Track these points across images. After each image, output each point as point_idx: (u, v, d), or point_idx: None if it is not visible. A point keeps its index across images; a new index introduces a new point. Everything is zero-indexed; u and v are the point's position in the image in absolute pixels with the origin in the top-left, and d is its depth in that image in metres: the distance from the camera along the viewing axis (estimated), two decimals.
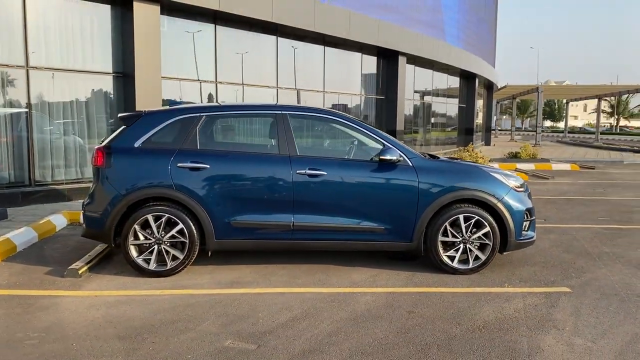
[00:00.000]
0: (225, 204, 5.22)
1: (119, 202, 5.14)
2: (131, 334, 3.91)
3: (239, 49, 11.34)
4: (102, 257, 5.79)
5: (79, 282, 5.06)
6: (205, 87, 10.55)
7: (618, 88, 30.84)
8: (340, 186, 5.33)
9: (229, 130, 6.09)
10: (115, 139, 5.32)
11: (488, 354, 3.67)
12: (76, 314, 4.27)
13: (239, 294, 4.81)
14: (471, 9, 22.91)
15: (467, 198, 5.39)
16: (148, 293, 4.80)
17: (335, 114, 5.80)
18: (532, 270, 5.66)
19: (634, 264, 5.94)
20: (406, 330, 4.05)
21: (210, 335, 3.92)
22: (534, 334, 4.01)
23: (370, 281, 5.22)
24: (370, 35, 13.60)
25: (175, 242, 5.22)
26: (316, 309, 4.46)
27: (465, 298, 4.77)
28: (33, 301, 4.55)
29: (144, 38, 8.82)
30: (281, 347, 3.72)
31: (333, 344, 3.79)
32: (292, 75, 12.48)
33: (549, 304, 4.65)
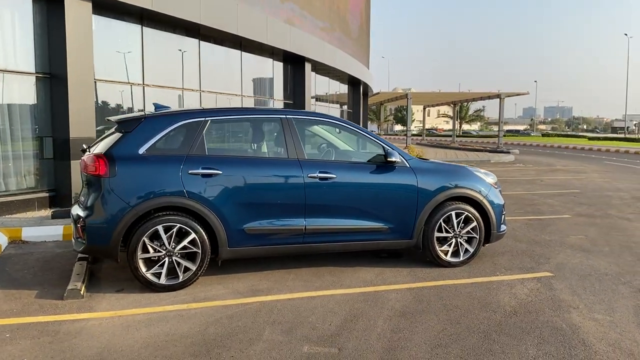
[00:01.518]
0: (239, 210, 5.09)
1: (127, 213, 4.77)
2: (201, 351, 3.72)
3: (165, 52, 10.84)
4: (88, 275, 5.31)
5: (86, 304, 4.63)
6: (135, 90, 9.94)
7: (473, 95, 34.12)
8: (348, 188, 5.46)
9: (233, 134, 5.90)
10: (116, 146, 4.92)
11: (542, 333, 4.07)
12: (119, 337, 3.93)
13: (272, 301, 4.74)
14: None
15: (458, 196, 5.81)
16: (175, 308, 4.54)
17: (336, 119, 5.92)
18: (506, 259, 6.25)
19: (580, 249, 6.81)
20: (456, 321, 4.32)
21: (281, 343, 3.86)
22: (560, 314, 4.50)
23: (380, 279, 5.42)
24: (283, 40, 13.73)
25: (186, 253, 4.98)
26: (358, 309, 4.56)
27: (476, 288, 5.17)
28: (53, 328, 4.09)
29: (76, 36, 8.09)
30: (363, 348, 3.79)
31: (406, 340, 3.94)
32: (214, 78, 12.19)
33: (547, 287, 5.21)
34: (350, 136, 6.38)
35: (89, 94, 8.37)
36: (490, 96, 31.62)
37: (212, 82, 12.06)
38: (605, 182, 14.92)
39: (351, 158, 6.14)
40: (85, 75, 8.28)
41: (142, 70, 10.04)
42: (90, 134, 8.44)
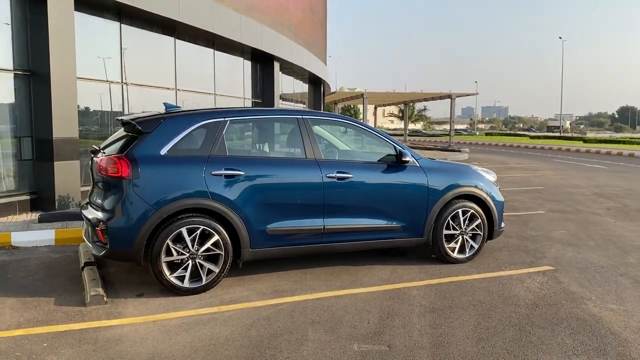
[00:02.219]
0: (261, 211, 5.07)
1: (151, 216, 4.67)
2: (254, 353, 3.71)
3: (143, 50, 10.55)
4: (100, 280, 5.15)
5: (112, 310, 4.50)
6: (114, 88, 9.63)
7: (425, 95, 34.91)
8: (364, 188, 5.54)
9: (250, 135, 5.84)
10: (137, 147, 4.79)
11: (570, 325, 4.28)
12: (163, 343, 3.86)
13: (300, 301, 4.76)
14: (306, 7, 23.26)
15: (465, 194, 6.00)
16: (207, 311, 4.49)
17: (349, 119, 5.98)
18: (505, 254, 6.49)
19: (567, 243, 7.15)
20: (486, 315, 4.48)
21: (329, 342, 3.89)
22: (577, 306, 4.74)
23: (396, 277, 5.52)
24: (256, 39, 13.64)
25: (209, 255, 4.92)
26: (388, 307, 4.65)
27: (490, 283, 5.37)
28: (90, 335, 3.96)
29: (59, 32, 7.77)
30: (411, 345, 3.88)
31: (448, 335, 4.05)
32: (189, 77, 11.96)
33: (554, 281, 5.47)
34: (349, 136, 6.45)
35: (72, 93, 8.06)
36: (441, 96, 32.43)
37: (187, 80, 11.84)
38: (562, 179, 15.64)
39: (354, 158, 6.21)
40: (68, 74, 7.97)
41: (121, 68, 9.75)
42: (73, 134, 8.14)
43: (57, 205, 7.92)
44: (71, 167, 8.14)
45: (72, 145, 8.13)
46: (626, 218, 9.17)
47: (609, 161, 24.42)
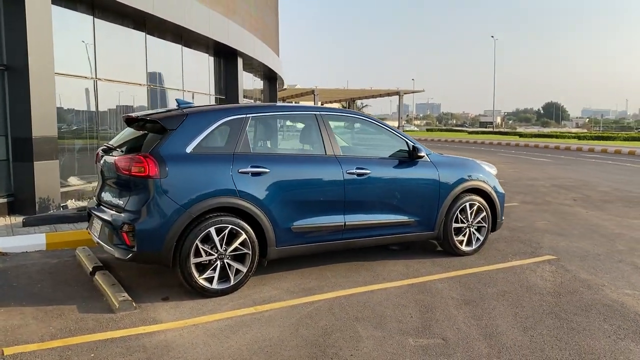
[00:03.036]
0: (286, 208, 5.00)
1: (181, 216, 4.50)
2: (316, 352, 3.66)
3: (115, 45, 10.09)
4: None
5: (144, 315, 4.31)
6: (87, 83, 9.16)
7: (373, 92, 35.44)
8: (381, 183, 5.57)
9: (271, 131, 5.70)
10: (162, 145, 4.60)
11: (599, 310, 4.47)
12: (216, 347, 3.74)
13: (333, 298, 4.73)
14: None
15: (472, 187, 6.15)
16: (245, 312, 4.38)
17: (362, 115, 5.99)
18: (503, 245, 6.70)
19: (555, 233, 7.47)
20: (519, 304, 4.62)
21: (384, 338, 3.90)
22: (596, 292, 4.96)
23: (413, 271, 5.59)
24: (223, 34, 13.36)
25: (236, 255, 4.80)
26: (422, 301, 4.70)
27: (505, 274, 5.53)
28: (134, 343, 3.78)
29: (36, 25, 7.30)
30: (463, 336, 3.94)
31: (493, 326, 4.15)
32: (159, 73, 11.57)
33: (563, 269, 5.70)
34: (345, 131, 6.46)
35: (51, 89, 7.61)
36: (389, 93, 33.03)
37: (157, 77, 11.45)
38: (517, 173, 16.28)
39: (357, 153, 6.21)
40: (46, 69, 7.52)
41: (94, 63, 9.30)
42: (52, 133, 7.70)
43: (38, 208, 7.47)
44: (51, 167, 7.70)
45: (52, 144, 7.69)
46: (595, 208, 9.66)
47: (549, 154, 25.63)
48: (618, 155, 24.76)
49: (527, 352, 3.68)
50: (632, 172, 16.52)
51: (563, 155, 25.22)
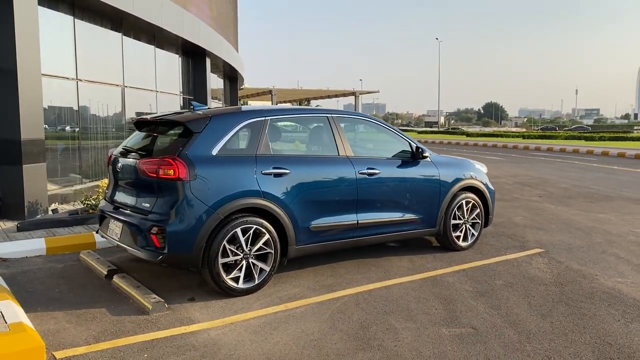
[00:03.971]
0: (306, 208, 5.16)
1: (210, 217, 4.58)
2: (360, 344, 3.84)
3: (94, 46, 9.87)
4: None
5: (179, 315, 4.38)
6: (69, 84, 8.94)
7: (329, 92, 35.80)
8: (389, 183, 5.81)
9: (287, 133, 5.80)
10: (189, 147, 4.66)
11: (602, 297, 4.86)
12: (264, 343, 3.87)
13: (356, 293, 4.93)
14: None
15: (467, 186, 6.49)
16: (277, 310, 4.52)
17: (370, 117, 6.21)
18: (492, 240, 7.08)
19: (535, 227, 7.94)
20: (528, 294, 4.95)
21: (419, 329, 4.12)
22: (593, 280, 5.37)
23: (420, 266, 5.86)
24: (195, 34, 13.27)
25: (260, 254, 4.93)
26: (439, 294, 4.96)
27: (505, 266, 5.88)
28: (182, 342, 3.86)
29: (24, 26, 7.10)
30: (491, 325, 4.22)
31: (514, 314, 4.45)
32: (134, 74, 11.39)
33: (555, 261, 6.11)
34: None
35: (38, 91, 7.42)
36: (345, 94, 33.45)
37: (133, 77, 11.29)
38: None
39: (366, 154, 6.36)
40: (34, 70, 7.34)
41: (75, 64, 9.10)
42: (40, 135, 7.51)
43: (27, 212, 7.28)
44: (39, 170, 7.52)
45: (40, 146, 7.51)
46: (561, 204, 10.27)
47: (500, 153, 26.70)
48: (564, 154, 26.08)
49: (553, 336, 4.00)
50: (582, 169, 17.49)
51: (514, 154, 26.31)
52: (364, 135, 6.49)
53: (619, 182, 13.85)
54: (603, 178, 14.73)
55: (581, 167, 18.14)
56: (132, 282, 4.95)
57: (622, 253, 6.45)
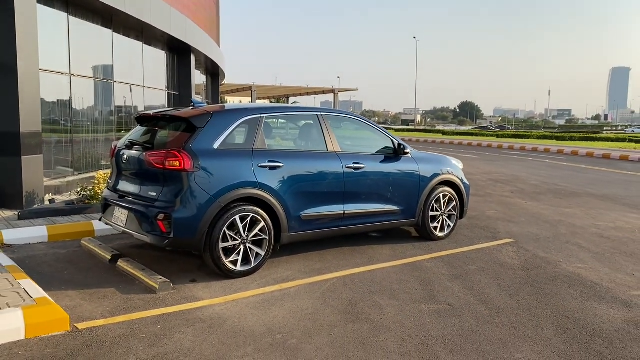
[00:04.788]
0: (297, 199, 5.61)
1: (211, 205, 5.01)
2: (350, 318, 4.31)
3: (85, 42, 10.14)
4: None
5: (185, 294, 4.80)
6: (62, 79, 9.21)
7: (308, 90, 36.21)
8: (373, 177, 6.29)
9: (281, 129, 6.23)
10: (194, 141, 5.07)
11: (564, 280, 5.42)
12: (265, 316, 4.31)
13: (343, 276, 5.40)
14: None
15: (445, 180, 7.02)
16: (274, 289, 4.97)
17: (356, 116, 6.69)
18: (467, 231, 7.62)
19: (506, 220, 8.53)
20: (498, 277, 5.49)
21: (401, 306, 4.61)
22: (557, 267, 5.93)
23: (400, 253, 6.35)
24: (181, 31, 13.57)
25: (255, 240, 5.36)
26: (418, 277, 5.47)
27: (478, 254, 6.41)
28: (191, 316, 4.29)
29: (24, 22, 7.39)
30: (464, 302, 4.74)
31: (485, 294, 4.97)
32: (123, 70, 11.67)
33: (523, 250, 6.66)
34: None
35: (36, 85, 7.71)
36: (324, 91, 33.89)
37: (122, 73, 11.57)
38: None
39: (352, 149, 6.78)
40: (32, 65, 7.62)
41: (69, 59, 9.38)
42: (38, 128, 7.81)
43: (25, 202, 7.58)
44: (37, 162, 7.82)
45: (37, 138, 7.81)
46: (531, 199, 10.90)
47: (474, 151, 27.47)
48: (536, 153, 26.96)
49: (519, 311, 4.54)
50: (551, 167, 18.27)
51: (487, 152, 27.10)
52: (350, 133, 6.95)
53: (586, 179, 14.60)
54: (571, 176, 15.49)
55: (551, 166, 18.92)
56: (137, 265, 5.34)
57: (584, 243, 7.05)
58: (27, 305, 3.91)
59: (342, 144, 6.19)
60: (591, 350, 3.80)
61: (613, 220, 8.73)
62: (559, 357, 3.68)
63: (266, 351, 3.68)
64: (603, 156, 23.58)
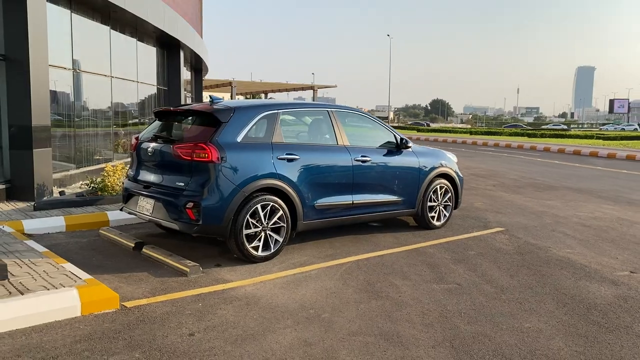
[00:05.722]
0: (312, 189, 6.01)
1: (236, 194, 5.37)
2: (371, 296, 4.74)
3: (87, 38, 10.30)
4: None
5: (215, 276, 5.15)
6: (66, 74, 9.38)
7: (287, 86, 36.51)
8: (378, 169, 6.72)
9: (295, 124, 6.59)
10: (219, 135, 5.42)
11: (555, 264, 5.95)
12: (295, 295, 4.70)
13: (355, 261, 5.82)
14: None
15: (442, 173, 7.50)
16: (295, 272, 5.36)
17: (361, 112, 7.10)
18: (459, 221, 8.12)
19: (494, 211, 9.07)
20: (496, 260, 5.98)
21: (414, 285, 5.06)
22: (547, 252, 6.47)
23: (403, 241, 6.81)
24: (173, 27, 13.77)
25: (274, 227, 5.74)
26: (424, 261, 5.93)
27: (473, 241, 6.91)
28: (226, 295, 4.64)
29: (35, 19, 7.58)
30: (470, 282, 5.21)
31: (488, 275, 5.46)
32: (119, 65, 11.85)
33: (515, 237, 7.19)
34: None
35: (45, 80, 7.91)
36: (303, 87, 34.23)
37: (119, 68, 11.75)
38: None
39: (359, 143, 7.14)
40: (42, 60, 7.82)
41: (72, 55, 9.56)
42: (47, 122, 8.02)
43: (36, 194, 7.79)
44: (47, 155, 8.03)
45: (47, 132, 8.02)
46: (513, 192, 11.50)
47: (451, 148, 28.09)
48: (510, 149, 27.84)
49: (521, 289, 5.03)
50: (527, 163, 19.02)
51: (463, 148, 27.87)
52: (356, 128, 7.36)
53: (561, 174, 15.33)
54: (547, 171, 16.22)
55: (526, 161, 19.68)
56: (163, 251, 5.66)
57: (568, 231, 7.62)
58: (80, 285, 4.22)
59: (350, 138, 6.60)
60: (589, 320, 4.30)
61: (591, 211, 9.35)
62: (562, 326, 4.17)
63: (304, 323, 4.08)
64: (574, 152, 24.53)
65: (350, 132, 6.69)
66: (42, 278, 4.38)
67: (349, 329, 3.99)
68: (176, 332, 3.85)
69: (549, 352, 3.71)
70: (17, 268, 4.62)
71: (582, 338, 3.96)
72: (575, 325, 4.19)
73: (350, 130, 6.68)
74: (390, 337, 3.87)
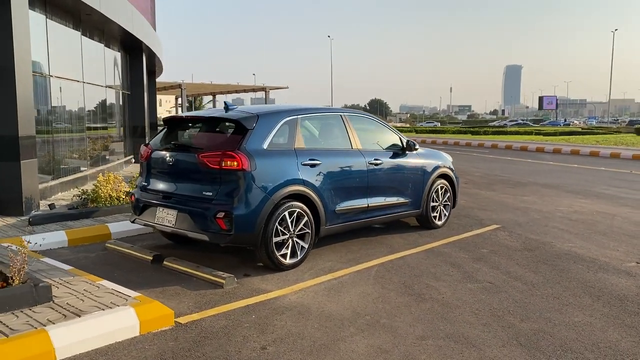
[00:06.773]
0: (333, 194, 6.01)
1: (266, 202, 5.30)
2: (412, 298, 4.80)
3: (60, 43, 9.79)
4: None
5: (252, 287, 5.06)
6: (42, 81, 8.89)
7: (237, 87, 36.12)
8: (389, 171, 6.81)
9: (312, 130, 6.51)
10: (247, 142, 5.32)
11: (565, 258, 6.21)
12: (341, 302, 4.69)
13: (380, 264, 5.87)
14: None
15: (442, 174, 7.69)
16: (327, 278, 5.35)
17: (371, 116, 7.17)
18: (455, 220, 8.33)
19: (482, 209, 9.37)
20: (513, 258, 6.18)
21: (450, 285, 5.16)
22: (553, 247, 6.75)
23: (413, 241, 6.92)
24: (142, 31, 13.34)
25: (300, 234, 5.71)
26: (446, 260, 6.05)
27: (479, 239, 7.11)
28: (275, 305, 4.58)
29: (19, 28, 7.16)
30: (497, 280, 5.36)
31: (512, 272, 5.63)
32: (90, 70, 11.35)
33: (514, 234, 7.46)
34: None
35: (29, 89, 7.49)
36: (254, 89, 33.99)
37: (89, 73, 11.27)
38: None
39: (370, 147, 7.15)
40: (26, 69, 7.41)
41: (47, 61, 9.08)
42: (32, 132, 7.59)
43: (24, 207, 7.36)
44: (32, 166, 7.60)
45: (32, 142, 7.60)
46: (487, 189, 11.89)
47: None
48: (459, 147, 28.73)
49: (551, 284, 5.24)
50: (483, 160, 19.70)
51: None
52: (366, 132, 7.41)
53: (521, 170, 15.98)
54: (506, 167, 16.86)
55: (482, 159, 20.38)
56: (187, 263, 5.50)
57: (560, 226, 7.97)
58: (133, 303, 4.05)
59: (361, 141, 6.64)
60: (629, 311, 4.54)
61: (568, 205, 9.80)
62: (608, 318, 4.38)
63: (368, 330, 4.08)
64: (521, 148, 25.60)
65: (361, 136, 6.74)
66: (88, 298, 4.17)
67: (415, 334, 4.04)
68: (247, 347, 3.77)
69: (610, 344, 3.90)
70: (54, 289, 4.37)
71: (632, 329, 4.17)
72: (619, 317, 4.41)
73: (361, 134, 6.72)
74: (458, 339, 3.94)
